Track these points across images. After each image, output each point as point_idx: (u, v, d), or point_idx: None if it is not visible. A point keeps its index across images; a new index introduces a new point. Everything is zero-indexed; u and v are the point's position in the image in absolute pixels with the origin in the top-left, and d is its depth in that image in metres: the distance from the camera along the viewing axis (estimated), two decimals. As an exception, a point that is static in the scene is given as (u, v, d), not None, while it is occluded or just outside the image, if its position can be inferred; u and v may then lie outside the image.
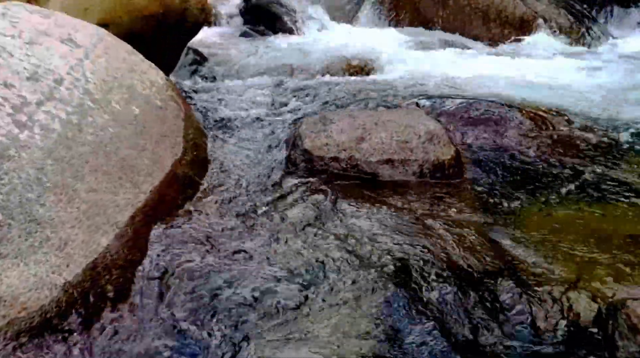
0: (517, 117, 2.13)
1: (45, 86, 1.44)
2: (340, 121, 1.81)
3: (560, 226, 1.45)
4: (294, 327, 1.08)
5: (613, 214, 1.52)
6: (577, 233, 1.40)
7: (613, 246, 1.33)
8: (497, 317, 1.10)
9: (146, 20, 2.34)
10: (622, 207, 1.55)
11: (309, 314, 1.11)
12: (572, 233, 1.40)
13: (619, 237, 1.37)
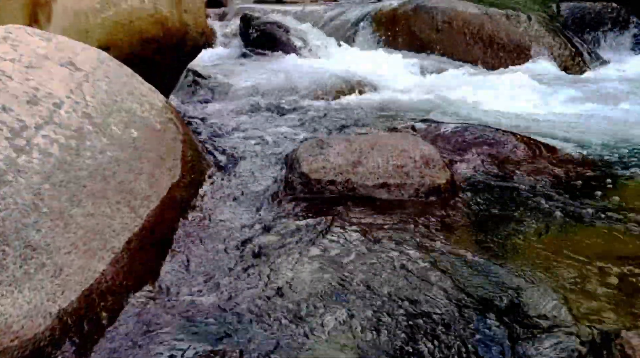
0: (512, 141, 2.15)
1: (44, 109, 1.45)
2: (337, 144, 1.83)
3: (553, 250, 1.45)
4: (290, 352, 1.07)
5: (606, 239, 1.53)
6: (570, 257, 1.40)
7: (606, 271, 1.34)
8: (488, 345, 1.09)
9: (146, 43, 2.37)
10: (616, 231, 1.56)
11: (306, 336, 1.11)
12: (564, 257, 1.40)
13: (613, 262, 1.37)
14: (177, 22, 2.41)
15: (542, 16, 4.56)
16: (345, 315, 1.17)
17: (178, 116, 2.18)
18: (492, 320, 1.14)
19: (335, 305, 1.22)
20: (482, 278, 1.30)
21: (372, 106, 3.07)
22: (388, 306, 1.21)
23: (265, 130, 2.48)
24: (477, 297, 1.23)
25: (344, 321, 1.16)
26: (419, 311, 1.20)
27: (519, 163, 2.02)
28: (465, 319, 1.15)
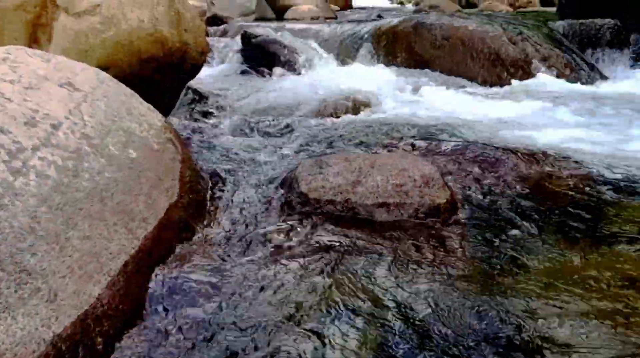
0: (512, 160, 2.15)
1: (42, 131, 1.45)
2: (336, 164, 1.82)
3: (556, 271, 1.44)
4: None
5: (611, 259, 1.51)
6: (573, 280, 1.38)
7: (612, 295, 1.32)
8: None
9: (146, 62, 2.37)
10: (621, 253, 1.54)
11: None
12: (568, 280, 1.38)
13: (619, 286, 1.35)
14: (177, 42, 2.42)
15: (541, 33, 4.58)
16: (340, 339, 1.15)
17: (177, 135, 2.18)
18: (493, 353, 1.12)
19: (333, 327, 1.20)
20: (482, 304, 1.28)
21: (372, 124, 3.07)
22: (385, 331, 1.19)
23: (264, 149, 2.47)
24: (478, 326, 1.21)
25: (339, 344, 1.15)
26: (418, 336, 1.18)
27: (520, 182, 2.01)
28: (458, 347, 1.13)
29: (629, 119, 2.97)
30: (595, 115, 3.05)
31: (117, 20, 2.29)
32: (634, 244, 1.58)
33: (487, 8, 8.71)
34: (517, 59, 4.22)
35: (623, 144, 2.51)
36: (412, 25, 4.95)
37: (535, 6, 8.80)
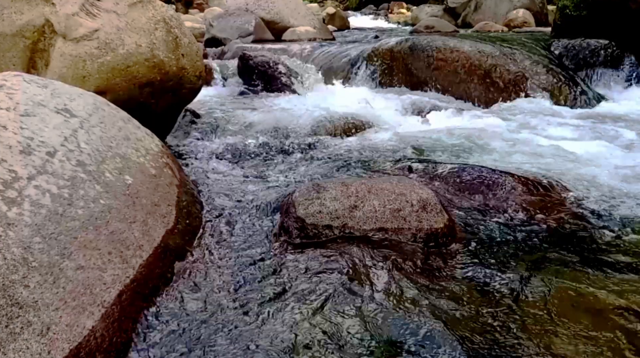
0: (509, 182, 2.14)
1: (37, 159, 1.45)
2: (334, 188, 1.81)
3: (556, 300, 1.42)
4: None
5: (612, 288, 1.49)
6: (573, 309, 1.36)
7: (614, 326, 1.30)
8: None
9: (143, 87, 2.38)
10: (621, 279, 1.53)
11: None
12: (568, 309, 1.37)
13: (624, 317, 1.34)
14: (174, 66, 2.43)
15: (537, 53, 4.62)
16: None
17: (174, 159, 2.17)
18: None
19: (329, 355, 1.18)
20: (482, 336, 1.27)
21: (369, 145, 3.07)
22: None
23: (261, 171, 2.47)
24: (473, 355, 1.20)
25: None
26: (418, 366, 1.16)
27: (517, 205, 2.00)
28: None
29: (628, 140, 2.97)
30: (593, 136, 3.05)
31: (115, 46, 2.30)
32: (636, 273, 1.57)
33: (482, 28, 8.80)
34: (513, 79, 4.24)
35: (621, 167, 2.51)
36: (408, 47, 4.99)
37: (530, 26, 8.88)
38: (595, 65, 4.39)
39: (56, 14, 2.26)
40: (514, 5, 9.79)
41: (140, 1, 2.46)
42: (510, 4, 10.01)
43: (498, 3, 10.31)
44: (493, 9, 10.43)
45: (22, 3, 2.22)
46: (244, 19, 7.13)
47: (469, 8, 11.13)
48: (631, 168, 2.45)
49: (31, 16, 2.23)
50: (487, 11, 10.48)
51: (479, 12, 10.65)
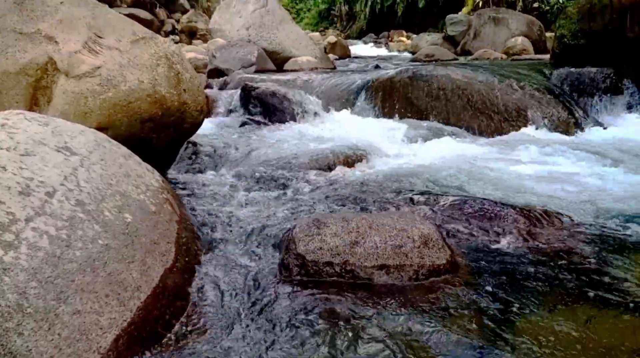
0: (511, 215, 2.13)
1: (36, 200, 1.44)
2: (334, 224, 1.80)
3: (561, 338, 1.39)
4: None
5: (616, 325, 1.46)
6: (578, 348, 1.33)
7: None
8: None
9: (145, 122, 2.39)
10: (625, 317, 1.50)
11: None
12: (573, 349, 1.33)
13: (625, 354, 1.31)
14: (175, 102, 2.45)
15: (536, 81, 4.65)
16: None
17: (174, 194, 2.17)
18: None
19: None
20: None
21: (369, 177, 3.07)
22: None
23: (261, 205, 2.46)
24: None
25: None
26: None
27: (520, 238, 1.98)
28: None
29: (630, 169, 2.96)
30: (595, 165, 3.04)
31: (117, 82, 2.32)
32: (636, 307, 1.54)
33: (481, 56, 8.90)
34: (513, 108, 4.26)
35: (627, 197, 2.49)
36: (409, 77, 5.04)
37: (529, 53, 8.98)
38: (595, 93, 4.41)
39: (59, 52, 2.29)
40: (512, 33, 9.92)
41: (142, 38, 2.49)
42: (508, 32, 10.15)
43: (497, 31, 10.45)
44: (492, 36, 10.57)
45: (26, 42, 2.26)
46: (246, 50, 7.23)
47: (468, 36, 11.28)
48: (636, 197, 2.43)
49: (34, 54, 2.26)
50: (486, 39, 10.62)
51: (477, 39, 10.79)
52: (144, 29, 2.57)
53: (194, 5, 16.25)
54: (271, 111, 5.15)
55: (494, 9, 11.41)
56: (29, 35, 2.26)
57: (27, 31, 2.27)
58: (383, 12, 18.87)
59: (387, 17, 18.77)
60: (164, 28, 14.18)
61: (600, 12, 4.43)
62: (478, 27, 10.78)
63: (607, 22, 4.40)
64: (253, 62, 7.20)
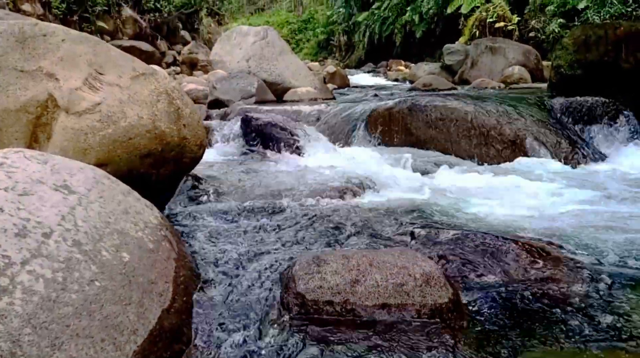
0: (513, 249, 2.10)
1: (32, 241, 1.43)
2: (334, 261, 1.78)
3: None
4: None
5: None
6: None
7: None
8: None
9: (144, 158, 2.39)
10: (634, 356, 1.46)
11: None
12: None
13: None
14: (175, 137, 2.45)
15: (535, 111, 4.68)
16: None
17: (173, 231, 2.15)
18: None
19: None
20: None
21: (370, 208, 3.05)
22: None
23: (260, 239, 2.44)
24: None
25: None
26: None
27: (523, 275, 1.95)
28: None
29: (631, 201, 2.95)
30: (597, 196, 3.03)
31: (117, 118, 2.33)
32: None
33: (479, 85, 8.98)
34: (512, 138, 4.28)
35: (629, 230, 2.47)
36: (407, 107, 5.08)
37: (527, 82, 9.07)
38: (593, 122, 4.44)
39: (60, 89, 2.30)
40: (509, 62, 10.03)
41: (142, 74, 2.52)
42: (505, 61, 10.27)
43: (494, 60, 10.58)
44: (489, 65, 10.69)
45: (27, 79, 2.27)
46: (246, 81, 7.31)
47: (465, 65, 11.41)
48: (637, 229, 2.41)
49: (35, 92, 2.28)
50: (483, 68, 10.74)
51: (475, 69, 10.91)
52: (144, 65, 2.60)
53: (195, 37, 16.51)
54: (270, 141, 5.17)
55: (491, 39, 11.57)
56: (31, 73, 2.28)
57: (28, 69, 2.29)
58: (381, 42, 19.16)
59: (386, 46, 19.05)
60: (165, 59, 14.38)
61: (595, 43, 4.49)
62: (475, 56, 10.91)
63: (602, 53, 4.45)
64: (253, 93, 7.27)
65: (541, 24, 11.41)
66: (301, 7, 31.72)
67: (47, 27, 2.43)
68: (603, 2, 9.66)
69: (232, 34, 8.46)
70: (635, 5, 9.23)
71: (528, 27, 11.99)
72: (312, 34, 27.42)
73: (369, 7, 20.19)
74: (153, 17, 14.46)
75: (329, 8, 25.56)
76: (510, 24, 12.51)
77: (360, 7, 21.28)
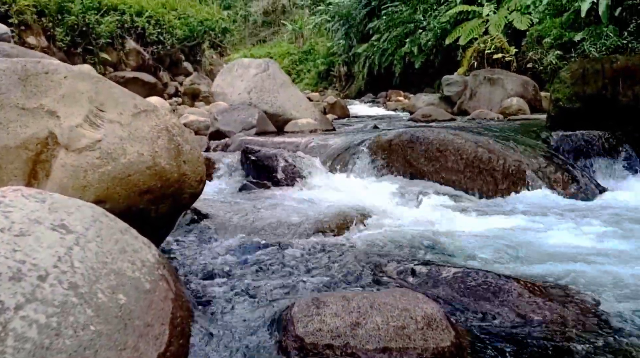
0: (515, 288, 2.07)
1: (27, 285, 1.40)
2: (334, 303, 1.75)
3: None
4: None
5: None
6: None
7: None
8: None
9: (143, 194, 2.38)
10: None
11: None
12: None
13: None
14: (175, 173, 2.45)
15: (534, 144, 4.70)
16: None
17: (170, 269, 2.12)
18: None
19: None
20: None
21: (370, 242, 3.03)
22: None
23: (259, 277, 2.41)
24: None
25: None
26: None
27: (527, 315, 1.92)
28: None
29: (637, 237, 2.91)
30: (599, 232, 3.00)
31: (117, 155, 2.33)
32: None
33: (478, 116, 9.05)
34: (512, 171, 4.28)
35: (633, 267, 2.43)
36: (407, 139, 5.10)
37: (525, 113, 9.13)
38: (592, 156, 4.45)
39: (60, 126, 2.31)
40: (507, 94, 10.12)
41: (144, 110, 2.53)
42: (504, 92, 10.36)
43: (492, 91, 10.67)
44: (488, 96, 10.77)
45: (28, 117, 2.28)
46: (247, 113, 7.36)
47: (464, 96, 11.51)
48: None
49: (36, 129, 2.28)
50: (482, 99, 10.82)
51: (474, 99, 11.00)
52: (145, 102, 2.61)
53: (197, 68, 16.74)
54: (271, 173, 5.17)
55: (489, 70, 11.70)
56: (32, 110, 2.30)
57: (29, 106, 2.30)
58: (381, 72, 19.38)
59: (385, 77, 19.27)
60: (167, 90, 14.53)
61: (593, 77, 4.54)
62: (474, 87, 11.02)
63: (600, 87, 4.49)
64: (254, 124, 7.31)
65: (539, 56, 11.56)
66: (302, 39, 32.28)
67: (49, 64, 2.45)
68: (599, 35, 9.81)
69: (234, 66, 8.57)
70: (630, 38, 9.37)
71: (526, 59, 12.15)
72: (312, 65, 27.81)
73: (368, 39, 20.52)
74: (156, 50, 14.69)
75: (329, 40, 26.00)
76: (508, 55, 12.67)
77: (360, 39, 21.63)
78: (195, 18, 16.43)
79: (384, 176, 5.02)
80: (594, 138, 4.52)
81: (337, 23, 23.51)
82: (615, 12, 9.76)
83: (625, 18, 9.64)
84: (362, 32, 21.55)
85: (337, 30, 23.58)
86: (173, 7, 16.38)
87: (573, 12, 10.83)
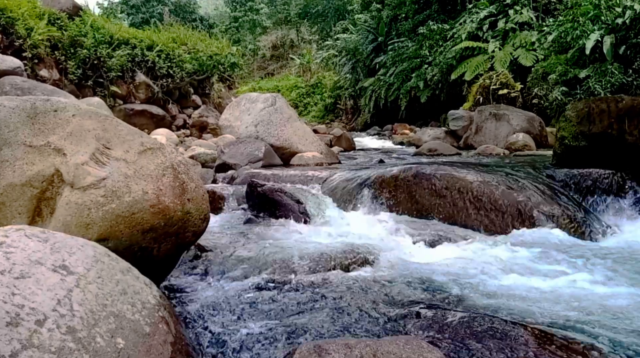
0: (522, 335, 2.03)
1: (25, 330, 1.39)
2: (336, 351, 1.71)
3: None
4: None
5: None
6: None
7: None
8: None
9: (146, 232, 2.38)
10: None
11: None
12: None
13: None
14: (179, 212, 2.45)
15: (541, 182, 4.67)
16: None
17: (171, 310, 2.10)
18: None
19: None
20: None
21: (373, 282, 2.99)
22: None
23: (261, 319, 2.37)
24: None
25: None
26: None
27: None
28: None
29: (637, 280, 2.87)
30: (608, 274, 2.95)
31: (121, 193, 2.33)
32: None
33: (484, 151, 9.06)
34: (518, 209, 4.25)
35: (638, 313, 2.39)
36: (412, 175, 5.09)
37: (531, 149, 9.13)
38: (599, 194, 4.41)
39: (66, 164, 2.32)
40: (513, 129, 10.15)
41: (150, 148, 2.55)
42: (510, 127, 10.39)
43: (498, 126, 10.71)
44: (493, 131, 10.81)
45: (35, 154, 2.30)
46: (254, 146, 7.41)
47: (470, 131, 11.56)
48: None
49: (42, 166, 2.30)
50: (487, 134, 10.86)
51: (479, 134, 11.03)
52: (152, 139, 2.63)
53: (205, 101, 16.97)
54: (276, 208, 5.17)
55: (495, 106, 11.78)
56: (39, 148, 2.32)
57: (37, 144, 2.33)
58: (387, 106, 19.57)
59: (391, 110, 19.45)
60: (175, 122, 14.72)
61: (598, 116, 4.55)
62: (480, 122, 11.07)
63: (606, 126, 4.50)
64: (260, 157, 7.35)
65: (544, 92, 11.64)
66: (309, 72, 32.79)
67: (58, 102, 2.49)
68: (604, 72, 9.89)
69: (242, 100, 8.68)
70: (635, 76, 9.44)
71: (531, 94, 12.23)
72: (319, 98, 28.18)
73: (374, 73, 20.81)
74: (166, 83, 14.93)
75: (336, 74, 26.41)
76: (513, 91, 12.77)
77: (367, 74, 21.94)
78: (205, 53, 16.76)
79: (389, 212, 5.00)
80: (601, 177, 4.49)
81: (344, 57, 23.92)
82: (620, 50, 9.87)
83: (630, 56, 9.74)
84: (369, 66, 21.89)
85: (344, 65, 23.97)
86: (183, 42, 16.74)
87: (578, 50, 10.96)
